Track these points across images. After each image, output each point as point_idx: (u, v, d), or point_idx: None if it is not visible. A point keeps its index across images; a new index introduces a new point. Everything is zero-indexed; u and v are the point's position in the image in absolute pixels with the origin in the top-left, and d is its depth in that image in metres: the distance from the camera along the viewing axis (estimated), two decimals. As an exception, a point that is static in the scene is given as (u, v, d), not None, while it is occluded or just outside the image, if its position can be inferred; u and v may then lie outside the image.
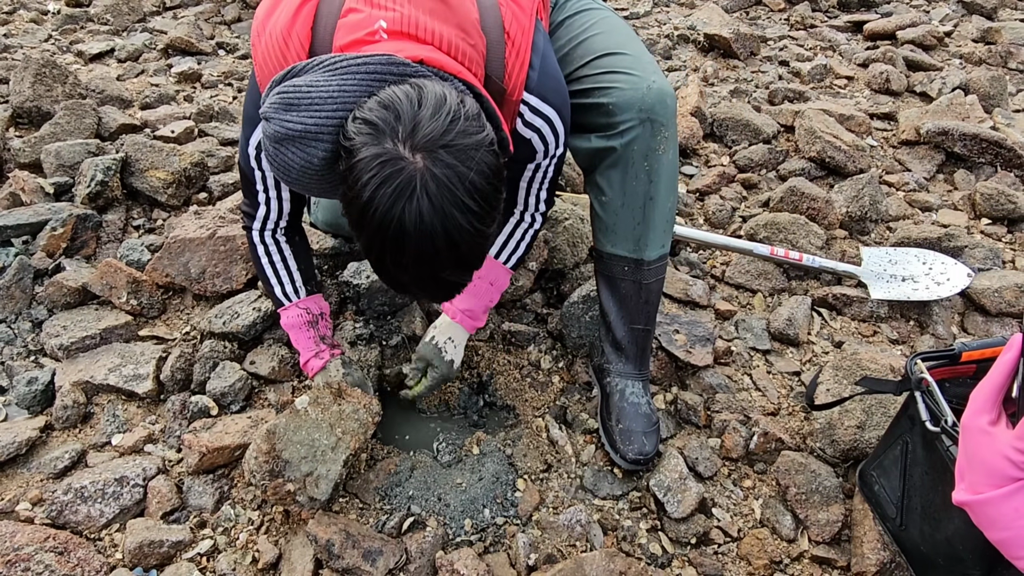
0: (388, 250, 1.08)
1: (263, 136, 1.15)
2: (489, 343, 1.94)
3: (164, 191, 2.22)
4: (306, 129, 1.10)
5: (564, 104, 1.43)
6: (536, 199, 1.64)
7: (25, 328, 1.89)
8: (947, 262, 2.15)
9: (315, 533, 1.41)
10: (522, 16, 1.33)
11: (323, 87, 1.10)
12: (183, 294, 2.00)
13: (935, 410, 1.30)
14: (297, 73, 1.15)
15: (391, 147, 1.02)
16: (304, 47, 1.25)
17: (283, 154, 1.13)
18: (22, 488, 1.54)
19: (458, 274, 1.16)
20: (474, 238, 1.08)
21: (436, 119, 1.03)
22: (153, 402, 1.76)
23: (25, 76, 2.53)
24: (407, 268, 1.10)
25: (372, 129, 1.03)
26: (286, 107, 1.10)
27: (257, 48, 1.31)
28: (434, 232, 1.04)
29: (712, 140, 2.84)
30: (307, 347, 1.65)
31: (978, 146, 2.60)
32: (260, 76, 1.32)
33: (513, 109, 1.36)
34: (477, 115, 1.09)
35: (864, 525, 1.51)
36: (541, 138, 1.43)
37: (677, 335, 1.91)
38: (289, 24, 1.25)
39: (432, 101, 1.05)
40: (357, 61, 1.11)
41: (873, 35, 3.60)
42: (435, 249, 1.06)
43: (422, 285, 1.17)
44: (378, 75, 1.11)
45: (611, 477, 1.65)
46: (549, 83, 1.38)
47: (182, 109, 2.77)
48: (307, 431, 1.47)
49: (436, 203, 1.02)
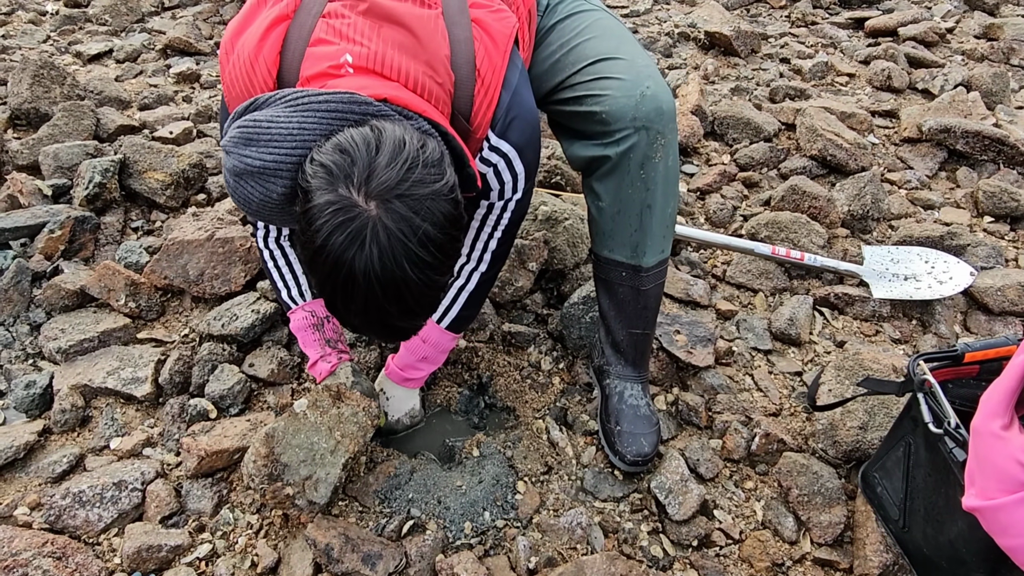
0: (338, 294, 1.08)
1: (224, 168, 1.14)
2: (489, 344, 1.93)
3: (162, 193, 2.21)
4: (264, 166, 1.09)
5: (528, 145, 1.39)
6: (484, 248, 1.57)
7: (23, 331, 1.88)
8: (949, 261, 2.14)
9: (314, 537, 1.40)
10: (495, 53, 1.30)
11: (283, 123, 1.09)
12: (182, 296, 1.99)
13: (938, 412, 1.29)
14: (259, 106, 1.13)
15: (345, 194, 1.01)
16: (272, 73, 1.24)
17: (243, 187, 1.12)
18: (20, 492, 1.54)
19: (407, 320, 1.15)
20: (423, 288, 1.08)
21: (392, 167, 1.02)
22: (152, 405, 1.75)
23: (23, 78, 2.53)
24: (356, 313, 1.10)
25: (327, 174, 1.02)
26: (246, 142, 1.10)
27: (225, 68, 1.29)
28: (383, 281, 1.04)
29: (713, 138, 2.83)
30: (313, 350, 1.64)
31: (980, 143, 2.59)
32: (228, 98, 1.30)
33: (477, 145, 1.34)
34: (438, 160, 1.08)
35: (866, 527, 1.50)
36: (496, 174, 1.38)
37: (678, 335, 1.90)
38: (256, 48, 1.24)
39: (390, 146, 1.03)
40: (319, 98, 1.10)
41: (874, 32, 3.59)
42: (384, 297, 1.06)
43: (371, 329, 1.17)
44: (339, 114, 1.09)
45: (612, 479, 1.64)
46: (515, 123, 1.34)
47: (180, 110, 2.76)
48: (306, 434, 1.46)
49: (386, 254, 1.01)
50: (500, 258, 1.60)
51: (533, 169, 1.44)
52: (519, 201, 1.48)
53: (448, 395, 1.83)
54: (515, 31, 1.35)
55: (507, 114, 1.32)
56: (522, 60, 1.42)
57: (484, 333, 1.94)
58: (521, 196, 1.47)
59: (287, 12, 1.26)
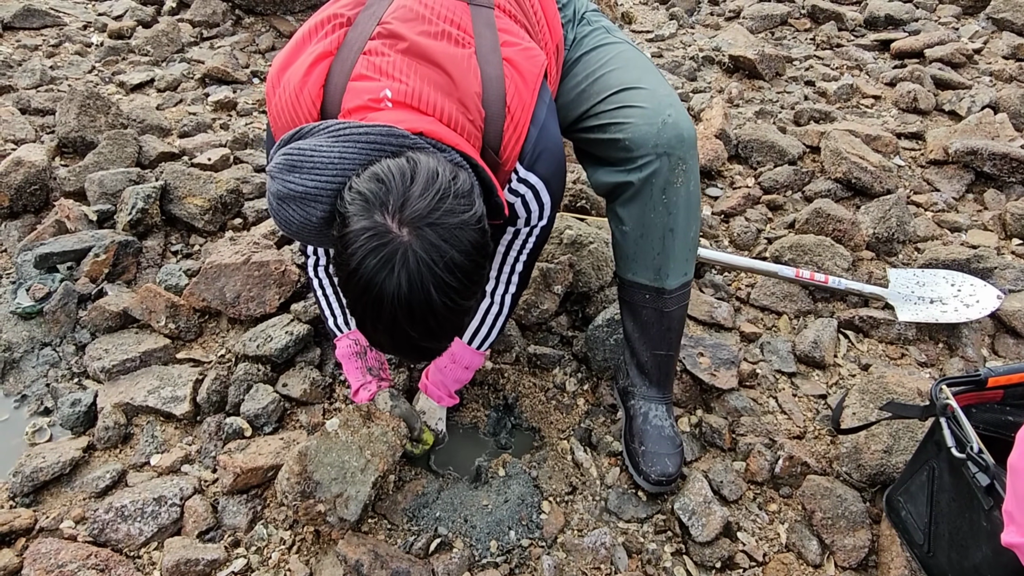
0: (368, 315, 1.14)
1: (268, 191, 1.21)
2: (515, 366, 1.97)
3: (201, 217, 2.30)
4: (306, 191, 1.16)
5: (554, 176, 1.44)
6: (511, 271, 1.63)
7: (69, 351, 1.97)
8: (976, 283, 2.13)
9: (345, 553, 1.45)
10: (524, 91, 1.35)
11: (325, 152, 1.15)
12: (219, 318, 2.06)
13: (961, 436, 1.30)
14: (303, 135, 1.20)
15: (380, 220, 1.07)
16: (316, 105, 1.31)
17: (284, 210, 1.19)
18: (66, 507, 1.61)
19: (432, 341, 1.20)
20: (449, 312, 1.13)
21: (424, 196, 1.07)
22: (190, 423, 1.82)
23: (71, 108, 2.65)
24: (384, 333, 1.16)
25: (364, 201, 1.08)
26: (290, 168, 1.16)
27: (271, 100, 1.37)
28: (411, 304, 1.09)
29: (737, 162, 2.85)
30: (355, 378, 1.70)
31: (1008, 165, 2.58)
32: (274, 127, 1.38)
33: (505, 177, 1.39)
34: (468, 191, 1.14)
35: (891, 551, 1.50)
36: (524, 204, 1.44)
37: (702, 358, 1.92)
38: (302, 82, 1.31)
39: (424, 177, 1.09)
40: (360, 130, 1.16)
41: (900, 53, 3.59)
42: (411, 320, 1.11)
43: (398, 349, 1.23)
44: (378, 145, 1.16)
45: (636, 500, 1.66)
46: (543, 156, 1.40)
47: (218, 137, 2.87)
48: (337, 453, 1.51)
49: (415, 278, 1.07)
50: (525, 279, 1.66)
51: (558, 198, 1.50)
52: (543, 227, 1.54)
53: (475, 416, 1.87)
54: (544, 68, 1.40)
55: (535, 148, 1.37)
56: (550, 94, 1.48)
57: (510, 355, 1.98)
58: (546, 223, 1.53)
59: (331, 49, 1.34)
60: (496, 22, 1.40)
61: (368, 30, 1.35)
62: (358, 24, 1.36)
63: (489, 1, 1.44)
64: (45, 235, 2.21)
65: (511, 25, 1.45)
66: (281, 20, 3.86)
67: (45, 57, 3.47)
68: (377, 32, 1.34)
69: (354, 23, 1.37)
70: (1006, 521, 1.08)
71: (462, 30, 1.36)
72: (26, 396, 1.88)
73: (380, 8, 1.38)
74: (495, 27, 1.39)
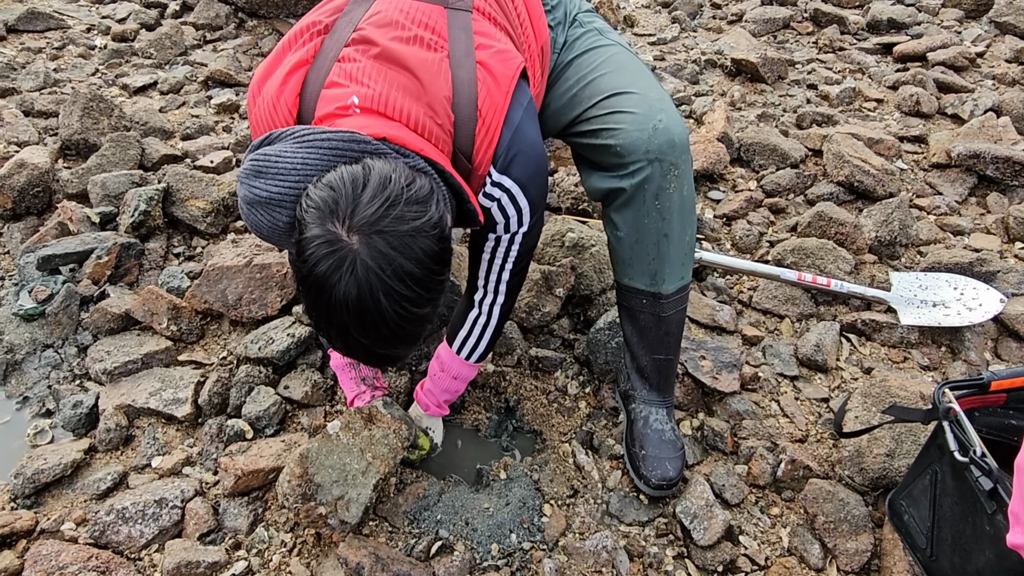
0: (322, 320, 1.14)
1: (238, 197, 1.23)
2: (517, 368, 1.97)
3: (203, 220, 2.30)
4: (270, 196, 1.17)
5: (531, 180, 1.42)
6: (497, 280, 1.59)
7: (71, 353, 1.97)
8: (979, 287, 2.13)
9: (346, 556, 1.45)
10: (497, 93, 1.34)
11: (289, 158, 1.17)
12: (220, 320, 2.06)
13: (963, 440, 1.30)
14: (272, 141, 1.22)
15: (332, 228, 1.07)
16: (292, 114, 1.33)
17: (253, 215, 1.21)
18: (67, 508, 1.61)
19: (388, 348, 1.19)
20: (403, 320, 1.12)
21: (373, 202, 1.07)
22: (191, 425, 1.82)
23: (74, 110, 2.65)
24: (337, 339, 1.16)
25: (317, 209, 1.09)
26: (256, 174, 1.18)
27: (252, 110, 1.38)
28: (361, 312, 1.09)
29: (739, 165, 2.85)
30: (348, 387, 1.71)
31: (1011, 169, 2.58)
32: (254, 136, 1.39)
33: (480, 181, 1.38)
34: (424, 197, 1.13)
35: (894, 555, 1.50)
36: (500, 208, 1.42)
37: (703, 361, 1.92)
38: (278, 91, 1.32)
39: (375, 182, 1.09)
40: (322, 136, 1.17)
41: (903, 57, 3.59)
42: (362, 328, 1.11)
43: (353, 354, 1.22)
44: (339, 150, 1.17)
45: (637, 503, 1.66)
46: (518, 158, 1.38)
47: (221, 139, 2.87)
48: (338, 455, 1.51)
49: (363, 286, 1.07)
50: (515, 289, 1.62)
51: (538, 203, 1.47)
52: (525, 235, 1.50)
53: (476, 419, 1.87)
54: (519, 70, 1.39)
55: (508, 151, 1.36)
56: (530, 96, 1.46)
57: (512, 358, 1.97)
58: (527, 230, 1.49)
59: (307, 57, 1.35)
60: (473, 25, 1.40)
61: (344, 36, 1.35)
62: (335, 31, 1.37)
63: (467, 4, 1.44)
64: (48, 237, 2.22)
65: (488, 28, 1.44)
66: (283, 23, 3.87)
67: (49, 60, 3.48)
68: (352, 39, 1.34)
69: (332, 30, 1.38)
70: (1012, 522, 1.08)
71: (436, 34, 1.36)
72: (28, 398, 1.88)
73: (357, 14, 1.39)
74: (471, 31, 1.39)
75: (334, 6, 1.43)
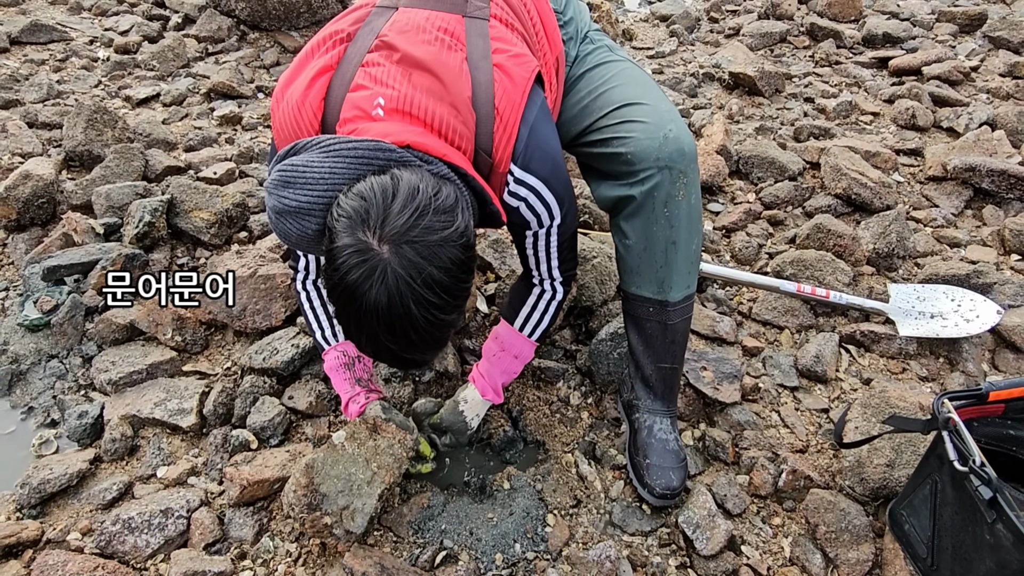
0: (352, 325, 1.18)
1: (266, 206, 1.25)
2: (519, 379, 1.98)
3: (207, 231, 2.32)
4: (299, 206, 1.20)
5: (553, 175, 1.45)
6: (549, 269, 1.65)
7: (76, 363, 1.98)
8: (976, 299, 2.15)
9: (351, 565, 1.45)
10: (513, 92, 1.38)
11: (316, 168, 1.20)
12: (225, 330, 2.08)
13: (963, 450, 1.31)
14: (298, 151, 1.25)
15: (363, 237, 1.11)
16: (317, 117, 1.36)
17: (282, 224, 1.24)
18: (73, 518, 1.61)
19: (416, 353, 1.23)
20: (431, 326, 1.15)
21: (403, 213, 1.11)
22: (196, 435, 1.83)
23: (78, 121, 2.67)
24: (367, 344, 1.20)
25: (348, 219, 1.12)
26: (284, 184, 1.21)
27: (275, 114, 1.41)
28: (391, 319, 1.12)
29: (738, 177, 2.88)
30: (343, 389, 1.71)
31: (1006, 182, 2.61)
32: (277, 140, 1.42)
33: (502, 180, 1.42)
34: (451, 207, 1.16)
35: (895, 565, 1.51)
36: (528, 207, 1.46)
37: (705, 371, 1.93)
38: (303, 96, 1.36)
39: (404, 193, 1.13)
40: (348, 145, 1.20)
41: (898, 71, 3.63)
42: (391, 334, 1.14)
43: (383, 359, 1.26)
44: (365, 159, 1.20)
45: (640, 513, 1.67)
46: (536, 154, 1.41)
47: (224, 151, 2.89)
48: (344, 465, 1.52)
49: (393, 294, 1.10)
50: (567, 275, 1.68)
51: (565, 196, 1.50)
52: (560, 226, 1.54)
53: (487, 429, 1.87)
54: (535, 72, 1.43)
55: (527, 148, 1.40)
56: (544, 99, 1.50)
57: (514, 368, 1.99)
58: (561, 221, 1.53)
59: (331, 63, 1.38)
60: (490, 31, 1.44)
61: (367, 44, 1.39)
62: (358, 39, 1.40)
63: (484, 13, 1.47)
64: (52, 248, 2.23)
65: (505, 33, 1.47)
66: (286, 36, 3.90)
67: (52, 71, 3.50)
68: (375, 45, 1.38)
69: (354, 38, 1.41)
70: None
71: (455, 38, 1.40)
72: (33, 408, 1.89)
73: (379, 23, 1.42)
74: (488, 36, 1.43)
75: (355, 17, 1.46)
